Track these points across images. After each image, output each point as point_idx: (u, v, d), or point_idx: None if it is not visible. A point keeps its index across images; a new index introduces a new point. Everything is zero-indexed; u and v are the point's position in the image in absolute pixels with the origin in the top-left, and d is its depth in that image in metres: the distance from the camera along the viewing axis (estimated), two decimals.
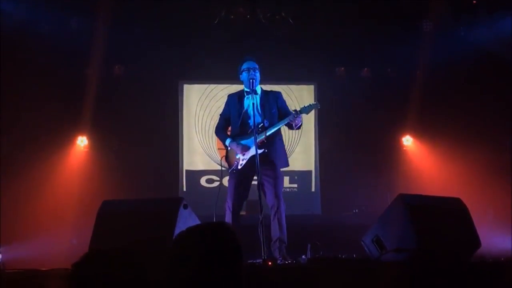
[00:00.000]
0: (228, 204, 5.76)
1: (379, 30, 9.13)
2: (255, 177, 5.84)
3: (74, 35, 8.63)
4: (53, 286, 3.89)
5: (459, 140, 8.80)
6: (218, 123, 6.14)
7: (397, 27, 9.09)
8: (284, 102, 6.05)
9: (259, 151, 5.49)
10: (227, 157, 5.92)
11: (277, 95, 6.04)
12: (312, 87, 10.04)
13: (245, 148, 5.73)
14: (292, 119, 5.65)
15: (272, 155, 5.75)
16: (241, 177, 5.82)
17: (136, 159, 9.21)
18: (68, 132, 9.04)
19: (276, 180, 5.79)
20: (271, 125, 5.75)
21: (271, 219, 5.71)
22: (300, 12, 9.07)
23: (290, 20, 9.04)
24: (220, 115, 6.18)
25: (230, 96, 6.09)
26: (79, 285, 2.01)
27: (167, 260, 1.96)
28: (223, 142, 6.00)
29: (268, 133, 5.68)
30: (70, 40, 8.55)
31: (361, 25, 9.07)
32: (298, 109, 5.77)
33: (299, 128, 5.87)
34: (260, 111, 5.82)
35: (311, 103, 5.95)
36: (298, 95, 9.85)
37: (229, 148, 5.88)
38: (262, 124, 5.74)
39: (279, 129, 5.82)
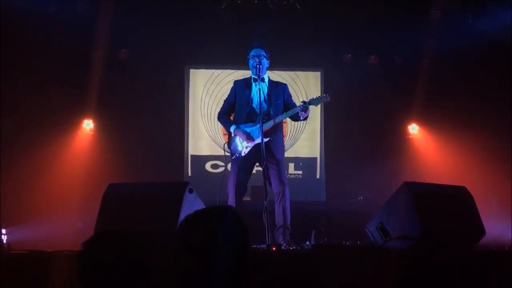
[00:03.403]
0: (231, 189, 5.79)
1: (386, 17, 9.09)
2: (257, 164, 5.89)
3: (80, 18, 8.60)
4: (58, 267, 3.90)
5: (465, 129, 8.77)
6: (222, 108, 6.13)
7: (405, 14, 9.04)
8: (290, 95, 6.07)
9: (265, 139, 5.51)
10: (230, 143, 5.92)
11: (284, 87, 6.06)
12: (318, 73, 9.98)
13: (251, 136, 5.73)
14: (300, 110, 5.66)
15: (274, 144, 5.77)
16: (244, 163, 5.84)
17: (142, 143, 9.21)
18: (74, 115, 9.04)
19: (280, 166, 5.84)
20: (276, 115, 5.75)
21: (276, 205, 5.74)
22: None
23: (298, 6, 8.98)
24: (225, 100, 6.16)
25: (237, 83, 6.08)
26: (87, 265, 2.02)
27: (174, 243, 1.97)
28: (227, 128, 6.01)
29: (277, 121, 5.70)
30: (76, 22, 8.51)
31: (369, 12, 9.02)
32: (307, 100, 5.78)
33: (305, 119, 5.88)
34: (266, 100, 5.81)
35: (320, 95, 5.96)
36: (305, 82, 9.81)
37: (233, 135, 5.88)
38: (268, 112, 5.75)
39: (281, 120, 5.85)
